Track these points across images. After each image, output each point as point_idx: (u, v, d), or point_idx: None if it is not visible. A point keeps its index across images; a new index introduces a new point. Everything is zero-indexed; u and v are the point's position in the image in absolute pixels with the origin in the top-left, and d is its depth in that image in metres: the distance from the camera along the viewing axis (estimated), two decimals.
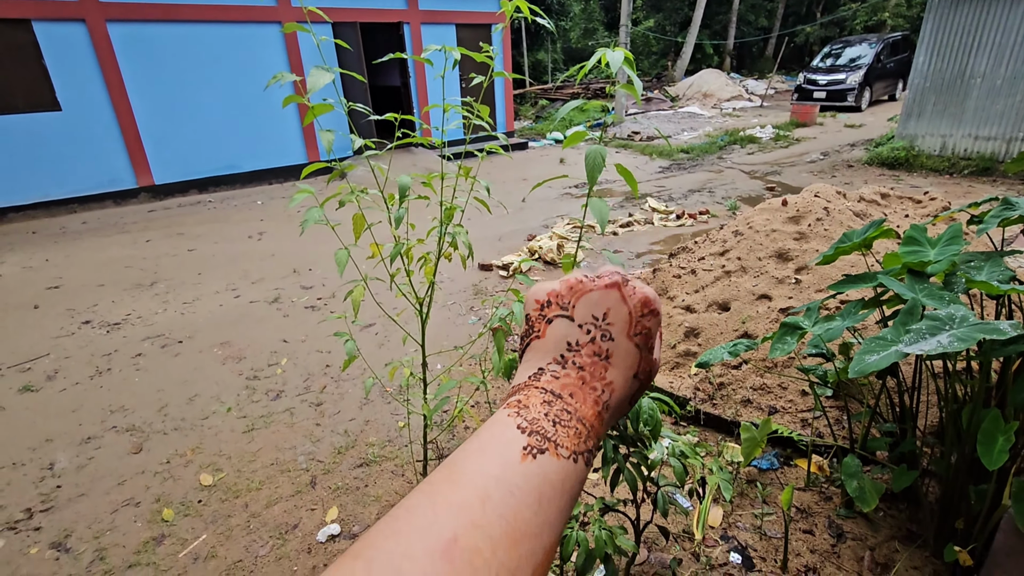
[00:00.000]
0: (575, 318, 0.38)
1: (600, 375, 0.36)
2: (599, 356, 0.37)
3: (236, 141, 8.37)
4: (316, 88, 1.16)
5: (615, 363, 0.37)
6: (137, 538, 2.06)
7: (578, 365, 0.36)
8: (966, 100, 7.16)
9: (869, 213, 3.46)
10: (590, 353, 0.37)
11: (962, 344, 1.22)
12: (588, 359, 0.36)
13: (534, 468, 0.29)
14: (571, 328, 0.38)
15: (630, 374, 0.38)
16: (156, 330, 3.76)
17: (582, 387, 0.35)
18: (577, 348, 0.37)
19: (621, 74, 11.66)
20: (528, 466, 0.29)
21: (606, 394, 0.36)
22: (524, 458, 0.29)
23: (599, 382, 0.36)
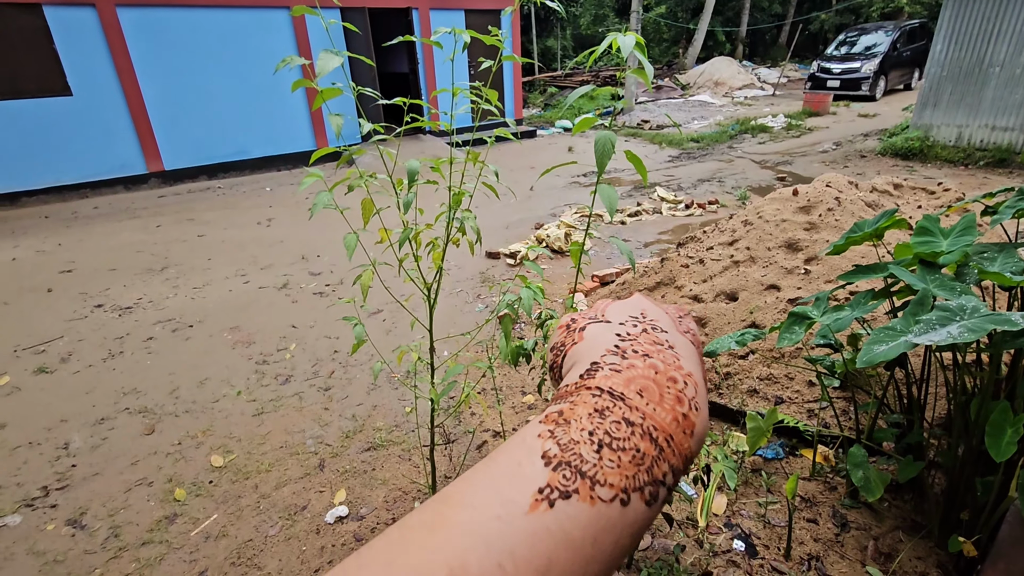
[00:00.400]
0: (611, 321, 0.31)
1: (674, 363, 0.27)
2: (661, 345, 0.28)
3: (245, 127, 8.39)
4: (325, 72, 1.16)
5: (681, 353, 0.28)
6: (150, 516, 2.11)
7: (642, 353, 0.27)
8: (984, 90, 7.03)
9: (881, 203, 3.43)
10: (650, 342, 0.28)
11: (973, 335, 1.22)
12: (651, 346, 0.28)
13: (547, 523, 0.20)
14: (611, 327, 0.30)
15: (701, 370, 0.28)
16: (167, 314, 3.81)
17: (655, 379, 0.26)
18: (631, 338, 0.28)
19: (632, 60, 11.51)
20: (538, 520, 0.20)
21: (690, 388, 0.26)
22: (534, 507, 0.21)
23: (676, 371, 0.26)
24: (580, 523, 0.20)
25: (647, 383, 0.25)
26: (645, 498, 0.22)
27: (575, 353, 0.29)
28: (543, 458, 0.22)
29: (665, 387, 0.25)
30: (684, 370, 0.27)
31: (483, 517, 0.20)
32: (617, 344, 0.28)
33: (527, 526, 0.20)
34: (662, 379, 0.26)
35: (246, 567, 1.87)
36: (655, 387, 0.25)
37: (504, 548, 0.19)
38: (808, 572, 1.69)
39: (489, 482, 0.22)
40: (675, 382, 0.26)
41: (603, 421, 0.23)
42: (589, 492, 0.21)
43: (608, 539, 0.21)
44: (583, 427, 0.23)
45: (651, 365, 0.26)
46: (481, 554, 0.19)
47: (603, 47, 1.21)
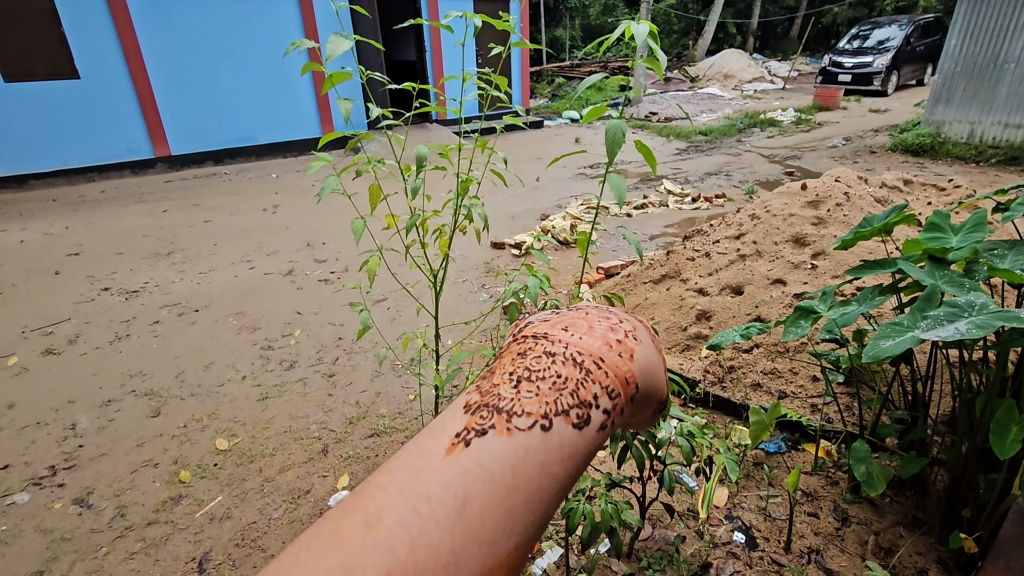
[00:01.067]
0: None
1: (614, 313, 0.27)
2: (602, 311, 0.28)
3: (252, 113, 8.38)
4: (335, 55, 1.16)
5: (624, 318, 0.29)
6: (156, 497, 2.13)
7: (583, 310, 0.28)
8: (998, 86, 6.93)
9: (891, 199, 3.40)
10: (594, 307, 0.29)
11: (981, 332, 1.21)
12: (593, 309, 0.28)
13: (463, 462, 0.20)
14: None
15: (649, 338, 0.28)
16: (173, 298, 3.83)
17: (586, 317, 0.26)
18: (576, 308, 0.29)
19: (643, 50, 11.41)
20: (454, 461, 0.20)
21: (627, 323, 0.27)
22: (451, 450, 0.21)
23: (612, 314, 0.27)
24: (496, 456, 0.20)
25: (575, 320, 0.25)
26: (572, 421, 0.22)
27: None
28: (464, 407, 0.23)
29: (596, 320, 0.25)
30: (623, 313, 0.27)
31: (403, 473, 0.20)
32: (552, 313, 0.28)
33: (443, 469, 0.20)
34: (593, 317, 0.26)
35: (250, 548, 1.90)
36: (583, 322, 0.25)
37: (420, 493, 0.19)
38: (808, 565, 1.70)
39: (414, 442, 0.22)
40: (608, 318, 0.26)
41: (524, 359, 0.23)
42: (506, 425, 0.21)
43: (530, 467, 0.21)
44: (504, 370, 0.23)
45: (585, 311, 0.26)
46: (396, 503, 0.19)
47: (616, 35, 1.19)
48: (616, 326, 0.26)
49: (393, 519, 0.19)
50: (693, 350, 2.73)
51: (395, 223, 1.40)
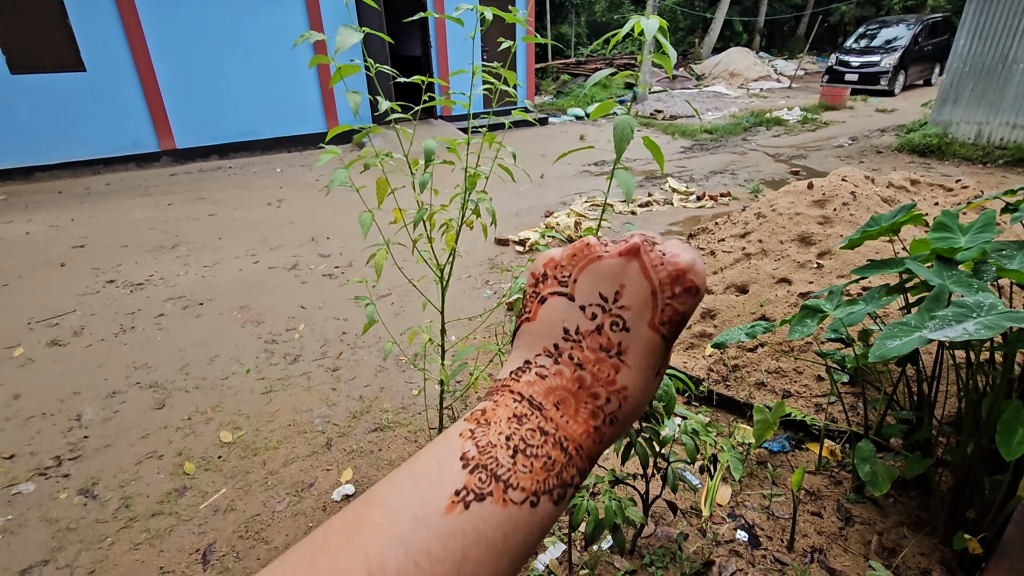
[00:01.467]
0: (576, 297, 0.29)
1: (607, 377, 0.27)
2: (607, 352, 0.27)
3: (257, 107, 8.38)
4: (344, 47, 1.15)
5: (630, 361, 0.28)
6: (160, 489, 2.14)
7: (576, 361, 0.27)
8: (1006, 87, 6.88)
9: (897, 199, 3.38)
10: (594, 347, 0.28)
11: (989, 332, 1.20)
12: (591, 354, 0.28)
13: (461, 524, 0.22)
14: (570, 310, 0.28)
15: (651, 374, 0.28)
16: (178, 291, 3.84)
17: (576, 393, 0.27)
18: (577, 338, 0.28)
19: (651, 46, 11.37)
20: (453, 521, 0.22)
21: (613, 404, 0.27)
22: (450, 509, 0.22)
23: (604, 387, 0.27)
24: (492, 523, 0.22)
25: (566, 396, 0.27)
26: (553, 499, 0.24)
27: (524, 331, 0.30)
28: (461, 459, 0.24)
29: (583, 402, 0.27)
30: (614, 385, 0.27)
31: (402, 518, 0.22)
32: (557, 343, 0.28)
33: (443, 526, 0.22)
34: (583, 395, 0.27)
35: (254, 540, 1.90)
36: (573, 401, 0.27)
37: (421, 547, 0.21)
38: (810, 564, 1.70)
39: (410, 482, 0.23)
40: (596, 398, 0.27)
41: (520, 428, 0.25)
42: (502, 495, 0.23)
43: (518, 536, 0.23)
44: (501, 431, 0.25)
45: (578, 378, 0.27)
46: (399, 553, 0.21)
47: (625, 30, 1.19)
48: (599, 410, 0.27)
49: (395, 570, 0.20)
50: (697, 348, 2.73)
51: (402, 217, 1.40)
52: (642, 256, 0.28)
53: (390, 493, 0.23)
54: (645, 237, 0.29)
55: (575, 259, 0.29)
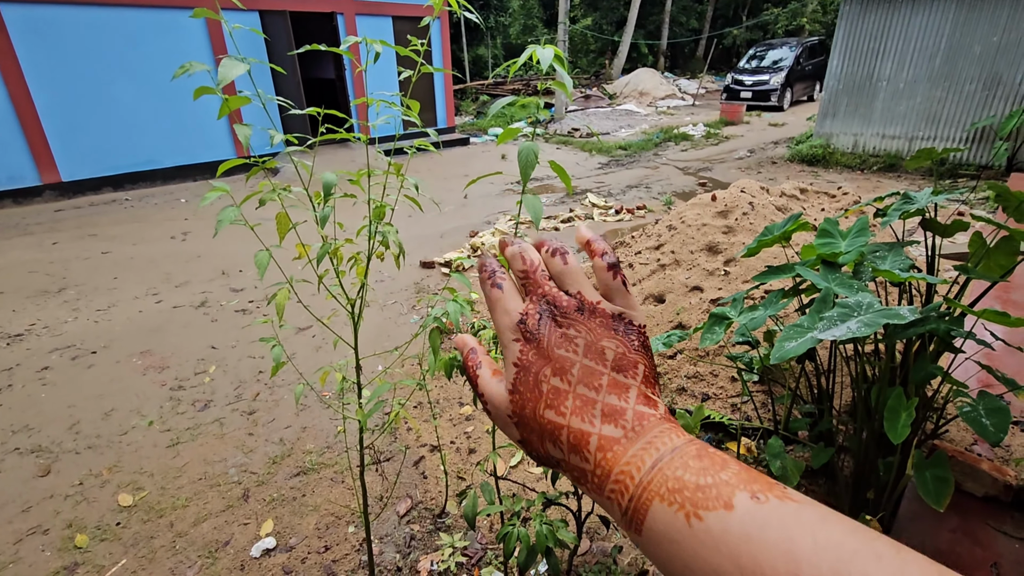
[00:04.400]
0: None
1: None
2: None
3: (155, 134, 7.82)
4: (227, 80, 1.09)
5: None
6: (46, 568, 1.89)
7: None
8: (874, 101, 7.75)
9: (790, 207, 3.68)
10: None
11: (868, 329, 1.32)
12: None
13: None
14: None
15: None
16: (65, 340, 3.46)
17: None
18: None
19: (557, 72, 11.81)
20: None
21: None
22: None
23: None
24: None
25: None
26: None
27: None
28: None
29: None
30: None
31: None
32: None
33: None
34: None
35: None
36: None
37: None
38: None
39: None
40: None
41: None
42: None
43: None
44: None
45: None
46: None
47: (523, 59, 1.21)
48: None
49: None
50: None
51: (306, 253, 1.33)
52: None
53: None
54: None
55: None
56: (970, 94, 6.84)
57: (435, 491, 2.19)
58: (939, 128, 7.21)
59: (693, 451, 0.29)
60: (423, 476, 2.28)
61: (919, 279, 1.53)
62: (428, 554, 1.90)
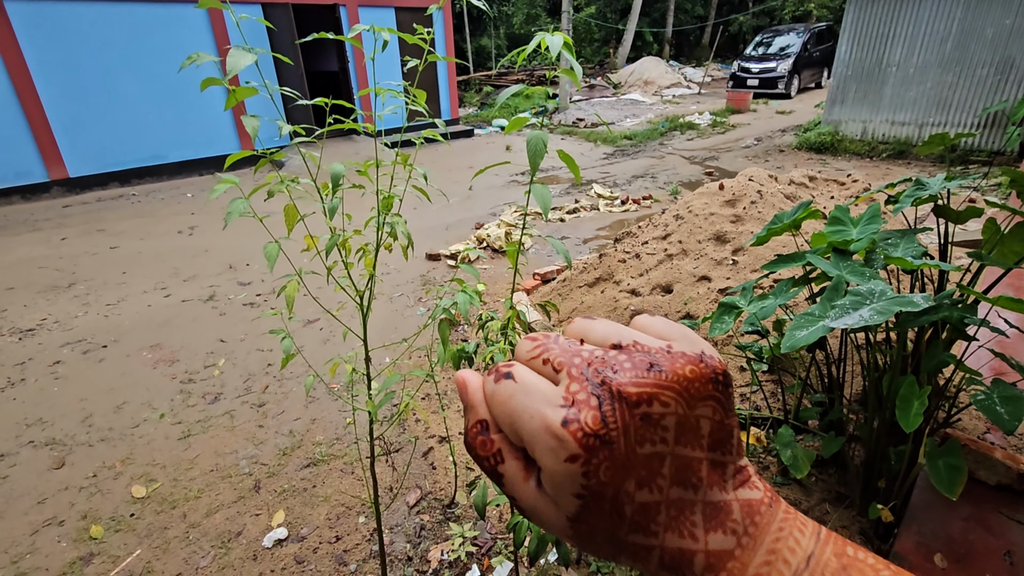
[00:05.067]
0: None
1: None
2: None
3: (161, 129, 7.84)
4: (236, 70, 1.09)
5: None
6: (62, 559, 1.92)
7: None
8: (883, 87, 7.64)
9: (798, 195, 3.64)
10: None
11: (881, 317, 1.30)
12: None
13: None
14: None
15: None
16: (76, 335, 3.49)
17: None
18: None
19: (563, 60, 11.72)
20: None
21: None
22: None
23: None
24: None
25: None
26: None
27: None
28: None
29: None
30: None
31: None
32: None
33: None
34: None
35: None
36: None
37: None
38: None
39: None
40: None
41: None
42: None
43: None
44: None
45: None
46: None
47: (531, 47, 1.20)
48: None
49: None
50: None
51: (315, 244, 1.33)
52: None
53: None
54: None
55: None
56: (982, 79, 6.72)
57: (444, 482, 2.21)
58: (950, 114, 7.11)
59: (835, 565, 0.22)
60: (432, 467, 2.29)
61: (932, 266, 1.51)
62: (438, 544, 1.92)
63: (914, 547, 1.63)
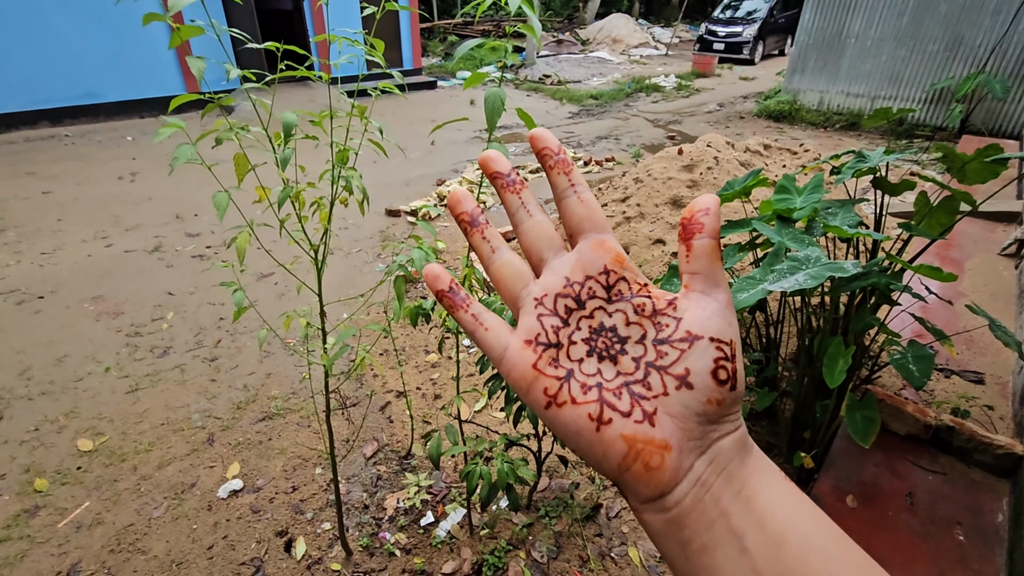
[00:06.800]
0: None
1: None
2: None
3: (97, 65, 7.22)
4: (179, 7, 1.02)
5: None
6: (5, 512, 1.88)
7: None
8: (841, 58, 7.80)
9: (753, 163, 3.74)
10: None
11: (814, 281, 1.39)
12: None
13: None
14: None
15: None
16: (8, 285, 3.30)
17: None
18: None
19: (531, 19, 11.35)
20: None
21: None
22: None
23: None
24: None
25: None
26: None
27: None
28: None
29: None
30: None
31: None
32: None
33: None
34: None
35: (128, 553, 1.75)
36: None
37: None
38: None
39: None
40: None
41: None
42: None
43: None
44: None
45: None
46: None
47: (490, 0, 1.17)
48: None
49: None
50: None
51: (267, 196, 1.30)
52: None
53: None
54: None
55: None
56: (932, 54, 6.95)
57: (401, 435, 2.26)
58: (900, 88, 7.35)
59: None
60: (389, 420, 2.33)
61: (865, 235, 1.61)
62: (394, 492, 1.98)
63: (830, 490, 1.80)
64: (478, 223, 0.32)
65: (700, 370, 0.26)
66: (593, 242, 0.29)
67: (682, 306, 0.27)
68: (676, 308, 0.27)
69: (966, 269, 3.27)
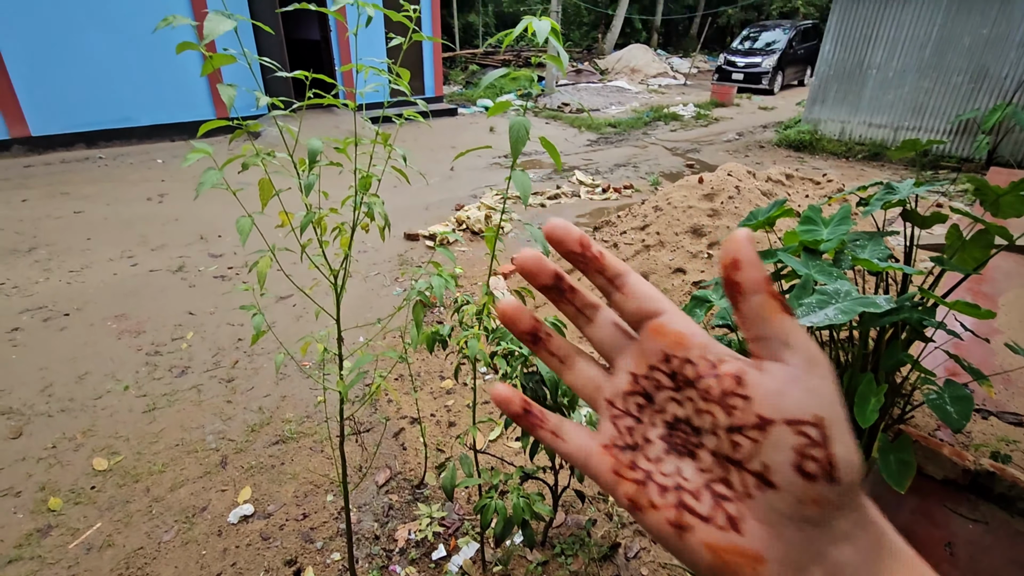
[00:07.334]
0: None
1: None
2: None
3: (132, 90, 7.52)
4: (213, 35, 1.05)
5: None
6: (18, 531, 1.88)
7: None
8: (863, 89, 7.78)
9: (775, 192, 3.71)
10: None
11: (845, 316, 1.35)
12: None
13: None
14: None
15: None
16: (36, 301, 3.37)
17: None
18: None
19: (550, 46, 11.60)
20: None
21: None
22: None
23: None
24: None
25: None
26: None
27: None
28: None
29: None
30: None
31: None
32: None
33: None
34: None
35: None
36: None
37: None
38: None
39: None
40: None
41: None
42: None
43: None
44: None
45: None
46: None
47: (518, 30, 1.18)
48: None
49: None
50: None
51: (289, 221, 1.31)
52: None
53: None
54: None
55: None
56: (957, 86, 6.89)
57: (414, 463, 2.22)
58: (924, 119, 7.28)
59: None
60: (403, 448, 2.30)
61: (896, 269, 1.56)
62: (406, 523, 1.93)
63: None
64: (551, 335, 0.30)
65: (780, 464, 0.21)
66: (649, 329, 0.27)
67: (752, 381, 0.23)
68: (744, 384, 0.23)
69: (1000, 305, 3.16)
